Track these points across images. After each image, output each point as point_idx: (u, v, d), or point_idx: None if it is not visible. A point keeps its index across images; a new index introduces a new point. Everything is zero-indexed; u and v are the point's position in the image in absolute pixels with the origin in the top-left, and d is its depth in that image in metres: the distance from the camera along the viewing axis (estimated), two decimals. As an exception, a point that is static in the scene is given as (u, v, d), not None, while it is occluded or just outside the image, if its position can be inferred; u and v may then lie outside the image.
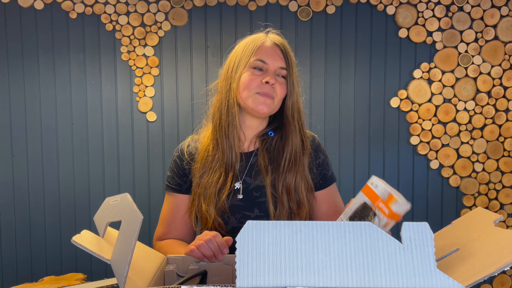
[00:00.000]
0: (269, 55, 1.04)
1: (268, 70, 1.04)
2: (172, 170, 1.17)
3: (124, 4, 2.18)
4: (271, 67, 1.04)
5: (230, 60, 1.10)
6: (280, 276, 0.51)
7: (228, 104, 1.07)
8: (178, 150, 1.20)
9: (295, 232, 0.52)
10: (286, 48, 1.08)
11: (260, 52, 1.05)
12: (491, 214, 0.71)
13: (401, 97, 2.24)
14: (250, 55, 1.04)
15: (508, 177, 2.26)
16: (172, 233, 1.14)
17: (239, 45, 1.11)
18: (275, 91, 1.05)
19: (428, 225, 0.53)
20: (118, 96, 2.24)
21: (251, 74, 1.04)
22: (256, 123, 1.12)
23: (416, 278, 0.51)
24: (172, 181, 1.15)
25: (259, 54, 1.04)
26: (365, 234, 0.52)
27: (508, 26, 2.20)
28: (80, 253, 2.26)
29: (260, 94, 1.04)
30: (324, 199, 1.13)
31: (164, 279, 0.87)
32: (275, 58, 1.04)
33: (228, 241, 0.94)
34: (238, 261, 0.51)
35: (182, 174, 1.14)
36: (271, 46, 1.05)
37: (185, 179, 1.14)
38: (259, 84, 1.04)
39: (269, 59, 1.04)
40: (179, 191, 1.14)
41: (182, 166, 1.15)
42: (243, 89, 1.05)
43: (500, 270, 0.54)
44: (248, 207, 1.07)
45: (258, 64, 1.04)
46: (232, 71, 1.07)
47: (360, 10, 2.23)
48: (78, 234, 0.74)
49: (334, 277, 0.51)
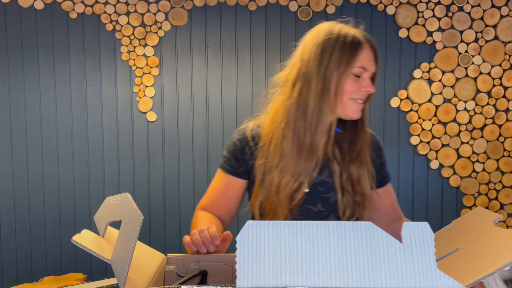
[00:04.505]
0: (368, 61, 1.01)
1: (365, 76, 1.01)
2: (229, 151, 1.13)
3: (124, 4, 2.18)
4: (368, 73, 1.02)
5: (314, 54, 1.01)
6: (280, 276, 0.51)
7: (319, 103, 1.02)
8: (240, 132, 1.14)
9: (295, 232, 0.52)
10: (377, 49, 1.04)
11: (362, 59, 1.00)
12: (491, 214, 0.71)
13: (401, 97, 2.24)
14: (351, 60, 0.99)
15: (508, 177, 2.26)
16: (214, 209, 1.15)
17: (326, 41, 1.01)
18: (368, 96, 1.05)
19: (428, 225, 0.53)
20: (118, 96, 2.24)
21: (351, 81, 1.01)
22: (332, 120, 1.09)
23: (416, 278, 0.51)
24: (227, 161, 1.13)
25: (361, 61, 1.00)
26: (365, 234, 0.52)
27: (508, 26, 2.20)
28: (80, 253, 2.26)
29: (355, 101, 1.02)
30: (387, 194, 1.18)
31: (164, 279, 0.87)
32: (372, 63, 1.02)
33: (226, 236, 0.93)
34: (238, 261, 0.51)
35: (240, 158, 1.12)
36: (369, 50, 1.01)
37: (241, 163, 1.12)
38: (358, 91, 1.01)
39: (369, 65, 1.01)
40: (233, 173, 1.12)
41: (243, 150, 1.11)
42: (341, 94, 1.01)
43: (500, 270, 0.54)
44: (311, 201, 1.08)
45: (359, 71, 1.00)
46: (327, 69, 1.00)
47: (360, 10, 2.23)
48: (78, 234, 0.74)
49: (334, 277, 0.51)
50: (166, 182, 2.27)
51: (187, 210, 2.29)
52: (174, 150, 2.26)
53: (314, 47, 1.01)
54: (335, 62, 1.00)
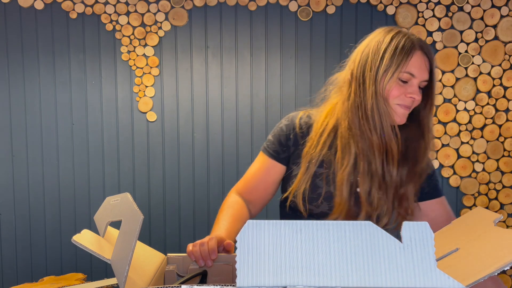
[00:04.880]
0: (418, 68, 1.01)
1: (413, 82, 1.01)
2: (274, 135, 1.15)
3: (124, 4, 2.18)
4: (417, 80, 1.01)
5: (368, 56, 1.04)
6: (280, 275, 0.51)
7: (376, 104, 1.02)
8: (288, 119, 1.16)
9: (295, 232, 0.52)
10: (433, 57, 1.04)
11: (411, 65, 1.00)
12: (491, 214, 0.71)
13: (401, 97, 2.24)
14: (399, 64, 1.00)
15: (508, 177, 2.26)
16: (249, 193, 1.15)
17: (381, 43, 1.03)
18: (415, 103, 1.03)
19: (428, 225, 0.53)
20: (118, 96, 2.24)
21: (397, 86, 1.01)
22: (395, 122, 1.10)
23: (416, 278, 0.51)
24: (271, 145, 1.14)
25: (409, 67, 1.00)
26: (365, 234, 0.52)
27: (508, 26, 2.20)
28: (80, 253, 2.26)
29: (400, 106, 1.02)
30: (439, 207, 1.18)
31: (164, 279, 0.87)
32: (423, 71, 1.01)
33: (227, 246, 0.94)
34: (238, 261, 0.51)
35: (284, 143, 1.13)
36: (421, 57, 1.01)
37: (284, 149, 1.13)
38: (402, 97, 1.01)
39: (418, 72, 1.01)
40: (275, 158, 1.13)
41: (288, 136, 1.13)
42: (387, 97, 1.02)
43: (500, 270, 0.54)
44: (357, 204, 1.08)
45: (406, 77, 1.01)
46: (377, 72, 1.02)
47: (360, 10, 2.23)
48: (79, 234, 0.74)
49: (334, 276, 0.51)
50: (166, 182, 2.27)
51: (187, 210, 2.29)
52: (174, 150, 2.26)
53: (368, 49, 1.04)
54: (385, 65, 1.01)
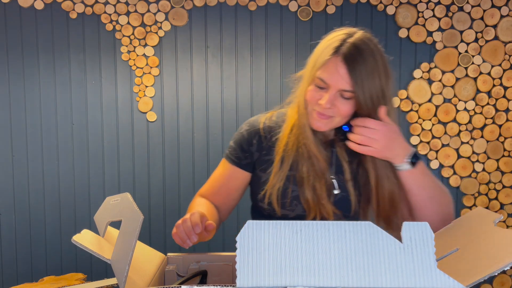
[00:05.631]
0: (329, 74, 0.94)
1: (329, 89, 0.95)
2: (236, 142, 1.13)
3: (124, 4, 2.18)
4: (332, 89, 0.94)
5: (310, 60, 1.01)
6: (280, 276, 0.51)
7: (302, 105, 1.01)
8: (249, 124, 1.13)
9: (295, 232, 0.52)
10: (358, 64, 0.94)
11: (324, 70, 0.94)
12: (491, 214, 0.71)
13: (401, 97, 2.24)
14: (317, 68, 0.95)
15: (508, 177, 2.26)
16: (213, 197, 1.15)
17: (319, 45, 1.00)
18: (336, 111, 0.96)
19: (428, 225, 0.53)
20: (118, 96, 2.23)
21: (312, 91, 0.97)
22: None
23: (416, 278, 0.51)
24: (233, 152, 1.12)
25: (322, 72, 0.95)
26: (365, 234, 0.52)
27: (508, 26, 2.20)
28: (80, 253, 2.26)
29: (316, 112, 0.97)
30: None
31: (164, 279, 0.87)
32: (336, 80, 0.93)
33: (208, 227, 0.91)
34: (238, 261, 0.51)
35: (246, 149, 1.11)
36: (339, 65, 0.93)
37: (247, 155, 1.11)
38: (315, 102, 0.97)
39: (329, 79, 0.94)
40: (237, 164, 1.12)
41: (250, 142, 1.10)
42: (305, 98, 0.99)
43: (500, 270, 0.54)
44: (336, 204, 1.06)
45: (319, 82, 0.96)
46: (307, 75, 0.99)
47: (360, 10, 2.22)
48: (79, 234, 0.74)
49: (334, 277, 0.51)
50: (166, 182, 2.27)
51: (187, 210, 2.28)
52: (174, 150, 2.26)
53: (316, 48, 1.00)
54: (310, 68, 0.98)
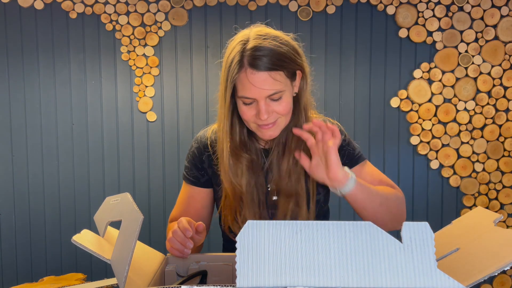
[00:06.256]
0: (251, 90, 0.88)
1: (257, 101, 0.90)
2: (189, 162, 1.10)
3: (124, 4, 2.18)
4: (260, 100, 0.90)
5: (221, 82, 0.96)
6: (280, 276, 0.51)
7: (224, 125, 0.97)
8: (197, 141, 1.10)
9: (295, 232, 0.52)
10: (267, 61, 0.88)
11: (242, 89, 0.90)
12: (491, 214, 0.71)
13: (401, 97, 2.24)
14: (232, 87, 0.91)
15: (508, 177, 2.26)
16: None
17: (224, 58, 0.97)
18: (276, 115, 0.93)
19: (428, 225, 0.53)
20: (118, 96, 2.23)
21: (244, 108, 0.93)
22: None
23: (416, 278, 0.51)
24: (190, 172, 1.10)
25: (241, 91, 0.90)
26: (365, 234, 0.52)
27: (508, 26, 2.20)
28: (80, 253, 2.26)
29: (261, 127, 0.94)
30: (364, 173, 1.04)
31: (164, 279, 0.87)
32: (258, 91, 0.88)
33: (198, 228, 0.91)
34: (238, 261, 0.51)
35: (200, 167, 1.09)
36: (250, 75, 0.88)
37: (203, 173, 1.09)
38: (254, 118, 0.93)
39: (253, 94, 0.89)
40: (196, 183, 1.10)
41: (201, 159, 1.08)
42: (243, 119, 0.95)
43: (500, 270, 0.54)
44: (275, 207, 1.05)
45: (244, 100, 0.92)
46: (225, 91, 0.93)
47: (360, 10, 2.22)
48: (78, 234, 0.74)
49: (334, 277, 0.51)
50: (166, 182, 2.27)
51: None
52: (174, 150, 2.26)
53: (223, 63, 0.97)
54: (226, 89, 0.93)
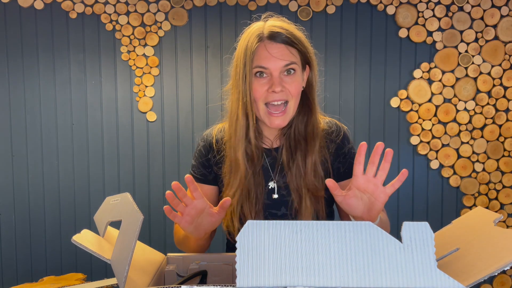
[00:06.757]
0: (268, 58, 0.95)
1: (271, 74, 0.96)
2: (196, 159, 1.11)
3: (124, 4, 2.18)
4: (275, 72, 0.95)
5: (235, 63, 1.01)
6: (280, 276, 0.51)
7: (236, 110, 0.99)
8: (204, 139, 1.12)
9: (295, 232, 0.52)
10: (283, 33, 0.96)
11: (258, 58, 0.95)
12: (491, 214, 0.71)
13: (401, 97, 2.24)
14: (250, 62, 0.95)
15: (508, 177, 2.26)
16: None
17: (240, 44, 1.01)
18: (287, 93, 0.96)
19: (428, 225, 0.53)
20: (118, 96, 2.23)
21: (255, 84, 0.96)
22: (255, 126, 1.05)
23: (416, 278, 0.51)
24: (197, 170, 1.11)
25: (257, 61, 0.95)
26: (365, 234, 0.52)
27: (508, 26, 2.20)
28: (80, 253, 2.26)
29: (271, 109, 0.96)
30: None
31: (164, 279, 0.87)
32: (273, 59, 0.94)
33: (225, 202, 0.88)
34: (238, 261, 0.51)
35: (207, 165, 1.10)
36: (270, 45, 0.95)
37: (209, 170, 1.10)
38: (266, 94, 0.96)
39: (269, 63, 0.95)
40: (204, 181, 1.10)
41: (208, 157, 1.10)
42: (254, 100, 0.98)
43: (500, 270, 0.54)
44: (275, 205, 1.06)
45: (258, 70, 0.96)
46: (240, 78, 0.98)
47: (360, 10, 2.22)
48: (78, 234, 0.74)
49: (334, 277, 0.51)
50: (166, 182, 2.27)
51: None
52: (174, 150, 2.26)
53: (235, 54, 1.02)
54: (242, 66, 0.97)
